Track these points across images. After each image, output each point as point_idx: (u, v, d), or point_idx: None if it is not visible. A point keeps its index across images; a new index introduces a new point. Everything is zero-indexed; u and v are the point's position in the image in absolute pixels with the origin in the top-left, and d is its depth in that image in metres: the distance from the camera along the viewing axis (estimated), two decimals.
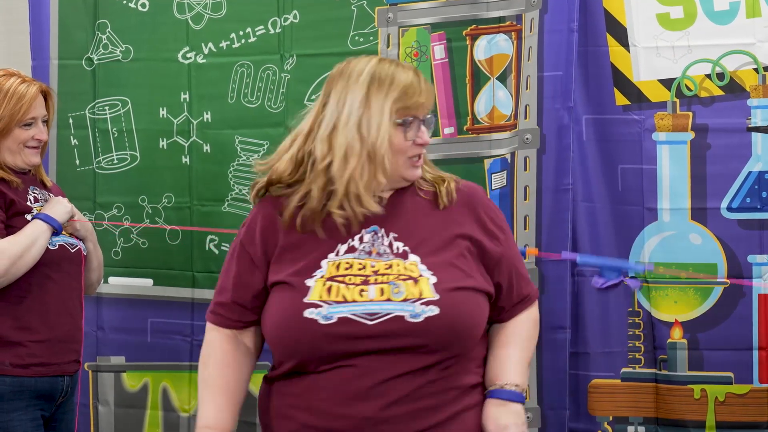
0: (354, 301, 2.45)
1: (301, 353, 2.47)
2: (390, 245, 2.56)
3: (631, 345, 4.04)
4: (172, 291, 4.34)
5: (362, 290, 2.47)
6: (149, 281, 4.37)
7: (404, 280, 2.49)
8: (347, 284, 2.48)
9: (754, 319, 3.97)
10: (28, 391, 3.49)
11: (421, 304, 2.46)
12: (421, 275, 2.50)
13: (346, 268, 2.50)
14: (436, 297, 2.47)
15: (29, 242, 3.46)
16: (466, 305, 2.53)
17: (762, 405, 3.96)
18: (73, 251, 3.63)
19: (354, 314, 2.44)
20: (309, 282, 2.48)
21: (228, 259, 2.65)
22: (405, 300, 2.46)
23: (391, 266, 2.52)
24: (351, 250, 2.54)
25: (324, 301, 2.45)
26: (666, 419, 4.02)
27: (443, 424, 2.50)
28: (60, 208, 3.61)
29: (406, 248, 2.56)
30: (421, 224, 2.61)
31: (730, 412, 3.98)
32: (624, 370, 4.05)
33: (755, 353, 3.97)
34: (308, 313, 2.44)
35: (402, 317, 2.44)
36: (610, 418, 4.07)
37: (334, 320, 2.43)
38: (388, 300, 2.46)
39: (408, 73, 2.56)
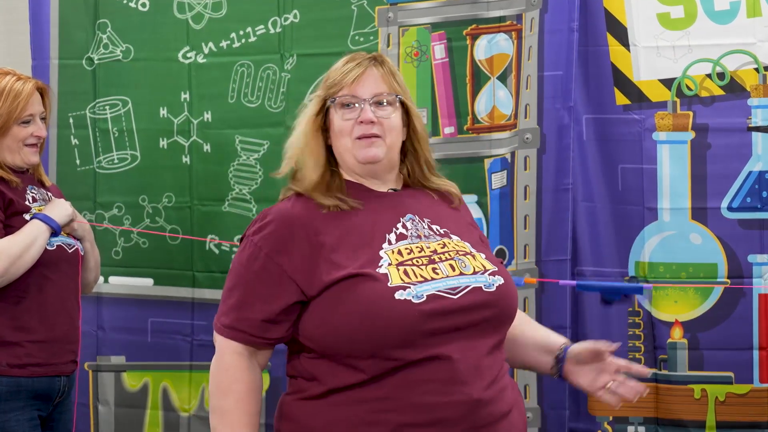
0: (433, 279, 2.44)
1: (394, 340, 2.37)
2: (430, 227, 2.58)
3: (631, 345, 4.04)
4: (173, 291, 4.34)
5: (434, 269, 2.47)
6: (149, 281, 4.37)
7: (464, 255, 2.53)
8: (418, 265, 2.47)
9: (754, 319, 3.97)
10: (25, 391, 3.48)
11: (489, 275, 2.50)
12: (472, 251, 2.56)
13: (408, 254, 2.49)
14: (496, 268, 2.54)
15: (28, 242, 3.45)
16: (511, 277, 2.59)
17: (762, 405, 3.96)
18: (70, 251, 3.63)
19: (439, 290, 2.42)
20: (381, 271, 2.44)
21: (243, 272, 2.52)
22: (474, 273, 2.49)
23: (444, 245, 2.54)
24: (401, 237, 2.53)
25: (408, 283, 2.41)
26: (666, 419, 4.02)
27: (513, 406, 2.51)
28: (60, 210, 3.60)
29: (446, 229, 2.60)
30: (442, 212, 2.66)
31: (730, 412, 3.98)
32: None
33: (755, 353, 3.97)
34: (399, 295, 2.38)
35: (480, 288, 2.46)
36: (610, 418, 4.07)
37: (424, 298, 2.40)
38: (461, 274, 2.47)
39: (340, 61, 2.62)
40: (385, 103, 2.56)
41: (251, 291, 2.49)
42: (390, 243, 2.51)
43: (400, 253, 2.48)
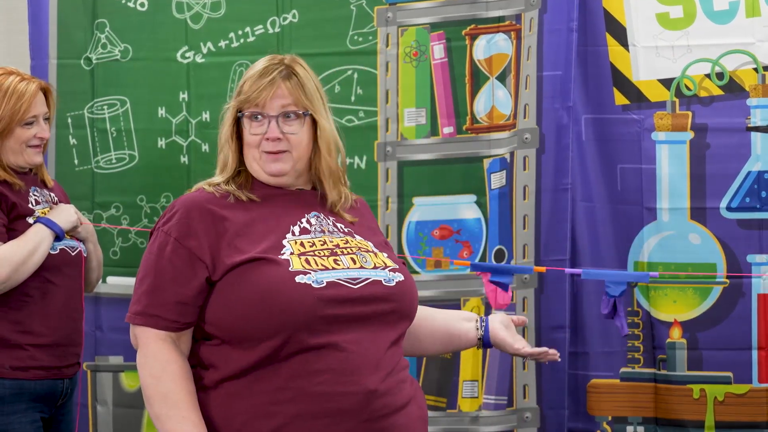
0: (334, 269, 2.50)
1: (292, 322, 2.42)
2: (335, 225, 2.66)
3: (630, 345, 4.05)
4: None
5: (336, 260, 2.53)
6: None
7: (365, 252, 2.60)
8: (320, 256, 2.53)
9: (753, 319, 3.98)
10: (27, 394, 3.47)
11: (390, 271, 2.57)
12: (374, 250, 2.63)
13: (311, 246, 2.55)
14: (397, 266, 2.61)
15: (31, 248, 3.44)
16: (413, 278, 2.66)
17: (761, 405, 3.96)
18: (73, 254, 3.62)
19: (339, 279, 2.49)
20: (283, 257, 2.50)
21: (153, 259, 2.54)
22: (375, 268, 2.56)
23: (347, 241, 2.61)
24: (305, 231, 2.59)
25: (309, 269, 2.48)
26: (665, 419, 4.02)
27: (412, 399, 2.56)
28: (65, 216, 3.58)
29: (349, 229, 2.68)
30: (347, 214, 2.72)
31: (729, 412, 3.98)
32: (623, 369, 4.05)
33: (754, 353, 3.97)
34: (299, 279, 2.45)
35: (379, 281, 2.53)
36: (609, 418, 4.07)
37: (324, 284, 2.46)
38: (362, 267, 2.54)
39: (254, 70, 2.66)
40: (292, 117, 2.61)
41: (163, 276, 2.51)
42: (294, 234, 2.57)
43: (302, 245, 2.54)
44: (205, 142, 4.28)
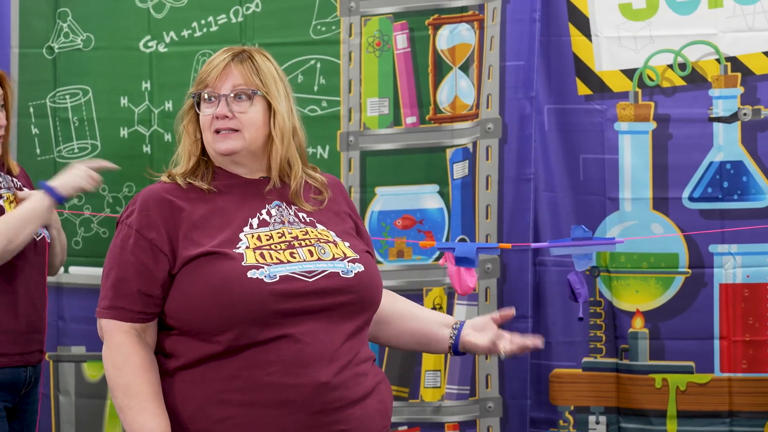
0: (289, 262, 2.52)
1: (245, 318, 2.45)
2: (296, 215, 2.65)
3: (592, 334, 4.06)
4: None
5: (292, 253, 2.54)
6: None
7: (325, 243, 2.60)
8: (276, 250, 2.54)
9: (715, 309, 4.00)
10: None
11: (348, 261, 2.57)
12: (335, 240, 2.63)
13: (267, 239, 2.56)
14: (358, 256, 2.61)
15: (26, 218, 3.44)
16: (376, 267, 2.68)
17: (723, 394, 3.98)
18: (37, 240, 3.61)
19: (293, 273, 2.50)
20: (238, 251, 2.51)
21: (117, 252, 2.57)
22: (333, 259, 2.56)
23: (307, 232, 2.61)
24: (264, 223, 2.60)
25: (262, 264, 2.49)
26: (627, 408, 4.04)
27: (371, 393, 2.57)
28: (69, 177, 3.59)
29: (312, 219, 2.67)
30: (311, 201, 2.71)
31: (691, 402, 4.00)
32: (585, 359, 4.06)
33: (716, 342, 3.99)
34: (251, 273, 2.46)
35: (337, 273, 2.53)
36: (572, 408, 4.08)
37: (277, 278, 2.47)
38: (319, 259, 2.54)
39: (212, 56, 2.70)
40: (243, 98, 2.62)
41: (127, 268, 2.54)
42: (251, 227, 2.58)
43: (259, 238, 2.56)
44: (168, 131, 4.28)
